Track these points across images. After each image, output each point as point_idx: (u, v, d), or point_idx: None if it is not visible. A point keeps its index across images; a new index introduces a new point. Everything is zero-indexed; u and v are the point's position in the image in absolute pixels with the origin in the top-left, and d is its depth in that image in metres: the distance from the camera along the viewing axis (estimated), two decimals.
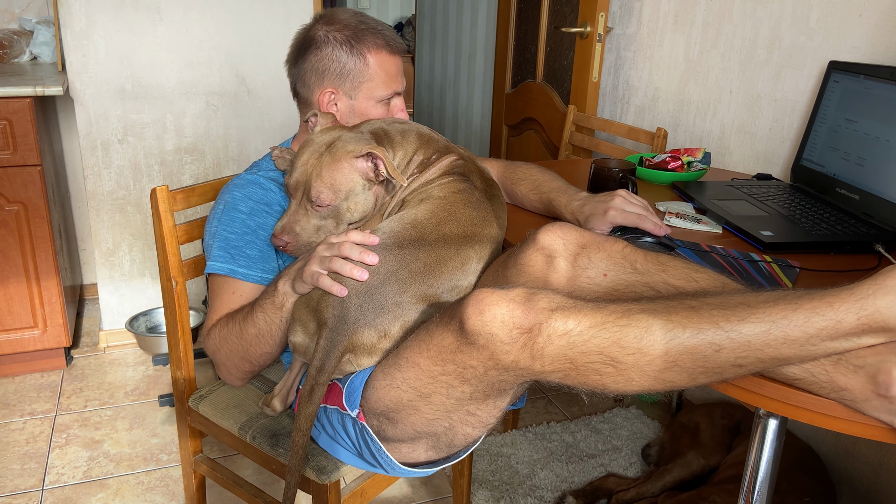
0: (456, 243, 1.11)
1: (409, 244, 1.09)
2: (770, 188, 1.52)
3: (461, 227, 1.13)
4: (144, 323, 2.44)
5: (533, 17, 2.86)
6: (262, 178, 1.27)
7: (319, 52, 1.25)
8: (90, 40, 2.16)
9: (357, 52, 1.25)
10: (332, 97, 1.28)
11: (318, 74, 1.27)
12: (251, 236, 1.22)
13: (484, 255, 1.14)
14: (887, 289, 0.76)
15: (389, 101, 1.31)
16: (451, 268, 1.10)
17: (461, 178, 1.19)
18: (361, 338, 1.06)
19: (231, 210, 1.23)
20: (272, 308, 1.13)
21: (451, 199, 1.15)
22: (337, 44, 1.25)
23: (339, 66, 1.25)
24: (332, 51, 1.25)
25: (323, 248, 1.08)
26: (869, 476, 1.61)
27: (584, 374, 0.85)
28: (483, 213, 1.16)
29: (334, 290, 1.04)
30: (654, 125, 2.30)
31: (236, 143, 2.43)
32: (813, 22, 1.72)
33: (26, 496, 1.74)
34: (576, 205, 1.27)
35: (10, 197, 2.04)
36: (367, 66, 1.26)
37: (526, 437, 2.01)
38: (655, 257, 0.98)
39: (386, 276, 1.06)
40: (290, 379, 1.21)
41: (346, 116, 1.29)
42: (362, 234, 1.07)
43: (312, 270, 1.07)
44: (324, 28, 1.26)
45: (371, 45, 1.26)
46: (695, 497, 1.54)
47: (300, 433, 1.09)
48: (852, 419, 0.81)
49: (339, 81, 1.26)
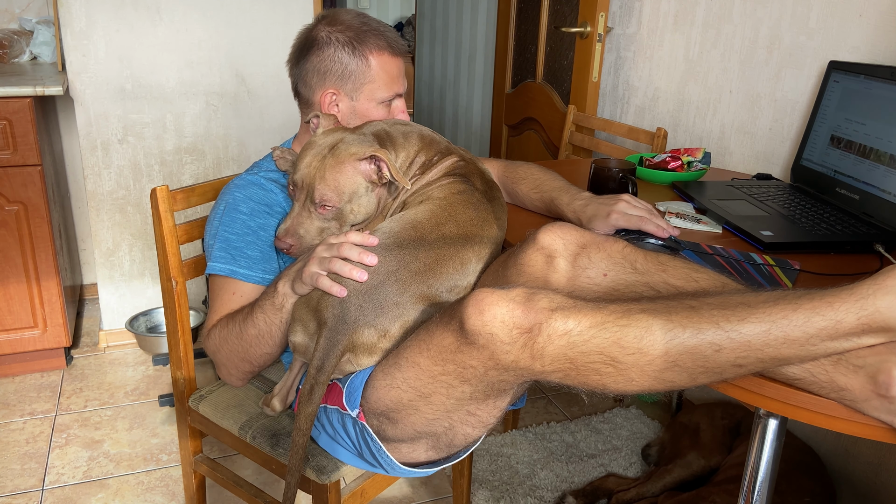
0: (455, 244, 1.12)
1: (409, 244, 1.09)
2: (770, 188, 1.52)
3: (461, 228, 1.13)
4: (144, 323, 2.44)
5: (533, 17, 2.86)
6: (262, 179, 1.27)
7: (322, 53, 1.25)
8: (90, 40, 2.16)
9: (359, 54, 1.25)
10: (334, 98, 1.27)
11: (319, 75, 1.27)
12: (252, 237, 1.22)
13: (483, 255, 1.14)
14: (887, 289, 0.77)
15: (391, 102, 1.31)
16: (450, 268, 1.10)
17: (462, 180, 1.19)
18: (361, 337, 1.06)
19: (232, 211, 1.23)
20: (272, 309, 1.13)
21: (450, 199, 1.15)
22: (339, 45, 1.25)
23: (341, 68, 1.25)
24: (334, 52, 1.25)
25: (322, 249, 1.08)
26: (869, 476, 1.61)
27: (585, 374, 0.85)
28: (483, 214, 1.16)
29: (333, 290, 1.04)
30: (654, 125, 2.30)
31: (236, 143, 2.43)
32: (813, 22, 1.72)
33: (26, 496, 1.74)
34: (578, 205, 1.27)
35: (10, 197, 2.04)
36: (369, 67, 1.25)
37: (526, 437, 2.01)
38: (655, 257, 0.98)
39: (385, 275, 1.06)
40: (289, 379, 1.21)
41: (347, 117, 1.29)
42: (361, 235, 1.07)
43: (312, 271, 1.07)
44: (326, 29, 1.26)
45: (373, 47, 1.25)
46: (695, 497, 1.54)
47: (300, 433, 1.09)
48: (852, 419, 0.81)
49: (341, 82, 1.26)
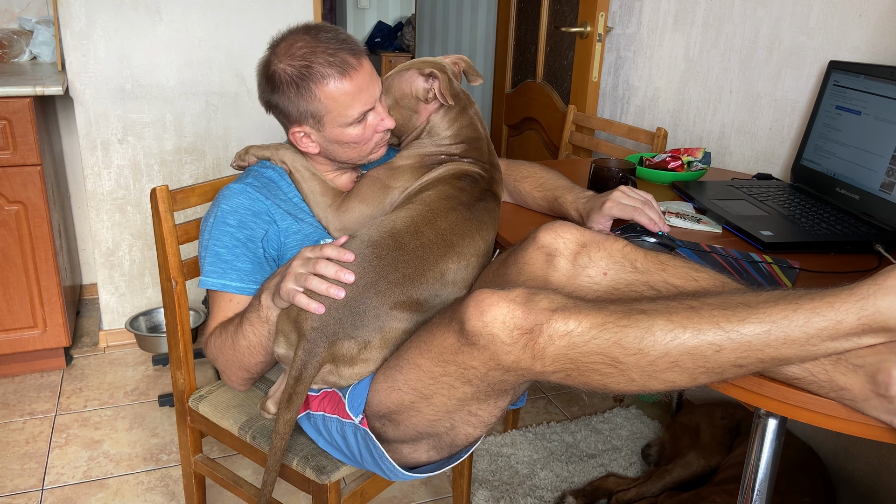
0: (434, 252, 1.11)
1: (388, 254, 1.09)
2: (770, 188, 1.52)
3: (440, 236, 1.12)
4: (144, 323, 2.44)
5: (533, 17, 2.86)
6: (249, 187, 1.23)
7: (276, 95, 1.20)
8: (90, 40, 2.16)
9: (305, 90, 1.17)
10: (302, 135, 1.24)
11: (282, 115, 1.23)
12: (241, 249, 1.21)
13: (464, 264, 1.14)
14: (887, 289, 0.77)
15: (364, 118, 1.22)
16: (430, 278, 1.10)
17: (456, 185, 1.19)
18: (341, 349, 1.06)
19: (220, 224, 1.22)
20: (258, 321, 1.13)
21: (434, 206, 1.15)
22: (286, 86, 1.18)
23: (295, 109, 1.20)
24: (284, 92, 1.19)
25: (298, 265, 1.07)
26: (869, 476, 1.61)
27: (586, 375, 0.85)
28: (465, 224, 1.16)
29: (311, 307, 1.04)
30: (654, 125, 2.30)
31: (236, 142, 2.42)
32: (813, 22, 1.72)
33: (26, 496, 1.74)
34: (581, 202, 1.29)
35: (10, 197, 2.04)
36: (319, 101, 1.18)
37: (526, 437, 2.01)
38: (655, 256, 0.98)
39: (364, 287, 1.06)
40: (283, 382, 1.21)
41: (326, 146, 1.25)
42: (337, 250, 1.06)
43: (289, 288, 1.06)
44: (275, 63, 1.19)
45: (317, 79, 1.16)
46: (695, 497, 1.54)
47: (279, 437, 1.10)
48: (852, 419, 0.81)
49: (302, 120, 1.21)
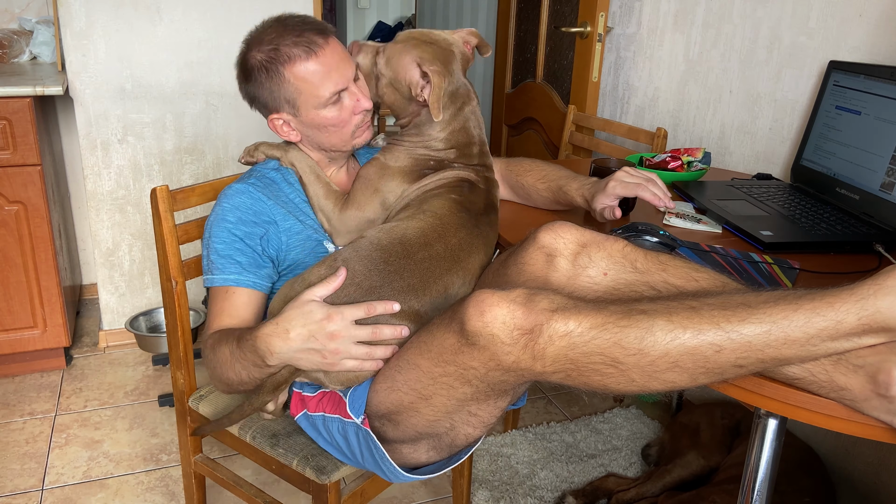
0: (441, 266, 1.12)
1: (395, 260, 1.09)
2: (770, 188, 1.52)
3: (450, 251, 1.13)
4: (144, 323, 2.44)
5: (533, 17, 2.86)
6: (251, 187, 1.23)
7: (251, 84, 1.20)
8: (90, 40, 2.16)
9: (275, 73, 1.16)
10: (281, 122, 1.23)
11: (259, 105, 1.23)
12: (239, 244, 1.21)
13: (468, 280, 1.15)
14: (888, 289, 0.76)
15: (339, 99, 1.20)
16: (434, 291, 1.10)
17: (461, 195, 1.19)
18: None
19: (220, 222, 1.22)
20: (256, 371, 1.09)
21: (446, 220, 1.16)
22: (257, 72, 1.18)
23: (268, 94, 1.20)
24: (256, 79, 1.19)
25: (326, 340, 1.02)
26: (869, 476, 1.61)
27: (586, 375, 0.85)
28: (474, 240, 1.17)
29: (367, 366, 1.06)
30: (654, 125, 2.30)
31: (236, 143, 2.42)
32: (813, 22, 1.72)
33: (26, 496, 1.74)
34: (586, 188, 1.30)
35: (10, 197, 2.04)
36: (289, 83, 1.17)
37: (526, 437, 2.00)
38: (656, 256, 0.98)
39: (368, 290, 1.06)
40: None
41: (306, 132, 1.24)
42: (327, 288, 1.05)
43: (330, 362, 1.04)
44: (249, 53, 1.20)
45: (284, 60, 1.16)
46: (695, 497, 1.54)
47: (250, 407, 1.15)
48: (852, 419, 0.81)
49: (279, 107, 1.21)
